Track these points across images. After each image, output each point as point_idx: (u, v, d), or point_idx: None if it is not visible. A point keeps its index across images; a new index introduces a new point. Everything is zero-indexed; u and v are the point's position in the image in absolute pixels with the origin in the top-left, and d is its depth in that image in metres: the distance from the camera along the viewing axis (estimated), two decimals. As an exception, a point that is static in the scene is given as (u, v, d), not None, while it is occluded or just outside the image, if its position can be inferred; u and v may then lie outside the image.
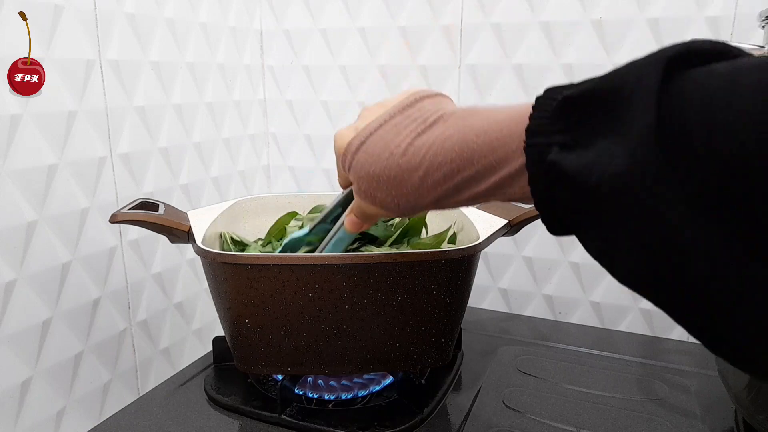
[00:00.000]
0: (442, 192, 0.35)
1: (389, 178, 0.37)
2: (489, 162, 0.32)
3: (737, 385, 0.52)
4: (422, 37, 0.86)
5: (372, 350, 0.55)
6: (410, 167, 0.35)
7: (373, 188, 0.38)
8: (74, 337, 0.67)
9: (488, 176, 0.32)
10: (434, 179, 0.35)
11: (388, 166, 0.36)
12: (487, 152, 0.32)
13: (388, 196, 0.37)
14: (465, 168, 0.33)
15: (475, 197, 0.34)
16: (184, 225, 0.60)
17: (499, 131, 0.31)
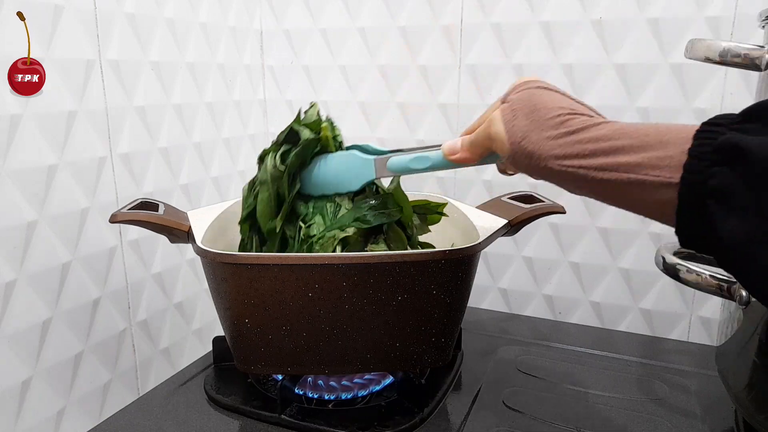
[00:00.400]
0: (580, 149, 0.34)
1: (543, 117, 0.37)
2: (647, 140, 0.32)
3: (737, 385, 0.52)
4: (422, 37, 0.86)
5: (372, 350, 0.55)
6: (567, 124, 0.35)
7: (523, 113, 0.38)
8: (74, 337, 0.67)
9: (637, 151, 0.32)
10: (582, 137, 0.34)
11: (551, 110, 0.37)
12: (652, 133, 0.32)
13: (526, 126, 0.37)
14: (621, 138, 0.33)
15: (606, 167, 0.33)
16: (184, 225, 0.60)
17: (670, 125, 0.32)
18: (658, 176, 0.31)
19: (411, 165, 0.51)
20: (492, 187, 0.86)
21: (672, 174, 0.30)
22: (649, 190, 0.31)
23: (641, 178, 0.31)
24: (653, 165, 0.31)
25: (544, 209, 0.63)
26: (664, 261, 0.55)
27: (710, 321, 0.78)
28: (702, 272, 0.52)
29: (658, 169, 0.31)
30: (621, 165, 0.32)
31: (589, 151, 0.34)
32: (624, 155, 0.32)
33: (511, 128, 0.39)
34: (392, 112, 0.90)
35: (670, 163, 0.30)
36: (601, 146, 0.33)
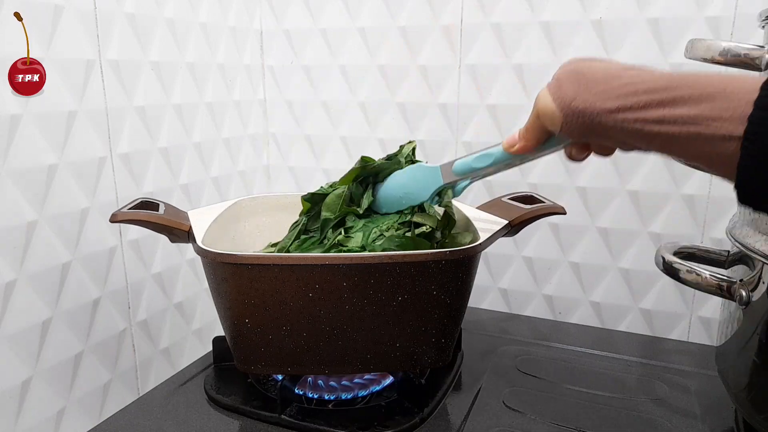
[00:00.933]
0: (635, 102, 0.32)
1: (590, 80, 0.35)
2: (708, 90, 0.30)
3: (737, 385, 0.52)
4: (422, 37, 0.86)
5: (372, 350, 0.55)
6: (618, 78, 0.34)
7: (569, 81, 0.37)
8: (74, 337, 0.67)
9: (698, 102, 0.30)
10: (636, 87, 0.33)
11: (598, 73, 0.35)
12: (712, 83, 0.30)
13: (574, 90, 0.36)
14: (678, 87, 0.31)
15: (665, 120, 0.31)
16: (184, 225, 0.60)
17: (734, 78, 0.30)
18: (720, 128, 0.29)
19: (474, 164, 0.51)
20: (492, 187, 0.86)
21: (735, 126, 0.29)
22: (711, 143, 0.30)
23: (702, 131, 0.30)
24: (715, 117, 0.29)
25: (545, 210, 0.63)
26: (664, 261, 0.55)
27: (710, 321, 0.78)
28: (702, 272, 0.52)
29: (720, 121, 0.29)
30: (680, 117, 0.31)
31: (645, 103, 0.32)
32: (683, 106, 0.30)
33: (559, 96, 0.37)
34: (392, 112, 0.90)
35: (733, 115, 0.29)
36: (658, 97, 0.31)
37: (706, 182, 0.74)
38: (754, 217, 0.50)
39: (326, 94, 0.95)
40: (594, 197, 0.81)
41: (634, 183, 0.78)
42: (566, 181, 0.82)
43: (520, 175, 0.84)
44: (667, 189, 0.76)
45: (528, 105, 0.80)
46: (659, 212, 0.78)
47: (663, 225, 0.78)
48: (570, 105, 0.36)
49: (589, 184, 0.81)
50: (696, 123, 0.30)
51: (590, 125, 0.35)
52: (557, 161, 0.81)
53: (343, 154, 0.95)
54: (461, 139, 0.86)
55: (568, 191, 0.82)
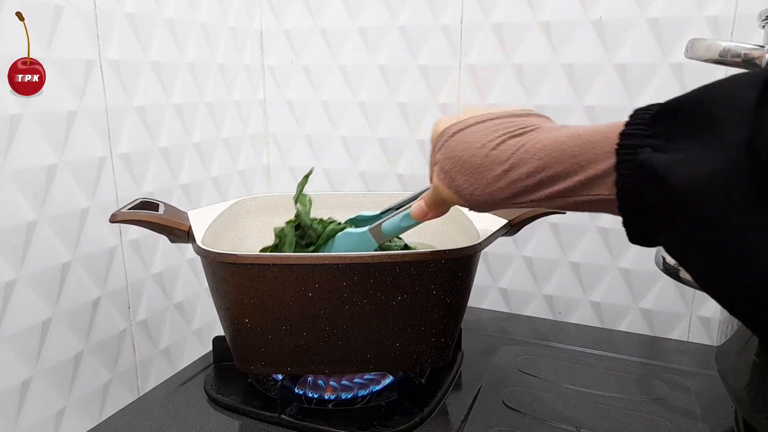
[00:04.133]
0: (522, 187, 0.36)
1: (474, 166, 0.38)
2: (577, 161, 0.33)
3: (737, 385, 0.52)
4: (422, 37, 0.86)
5: (372, 350, 0.55)
6: (498, 160, 0.37)
7: (455, 171, 0.40)
8: (74, 337, 0.67)
9: (574, 175, 0.33)
10: (518, 174, 0.36)
11: (476, 154, 0.38)
12: (577, 152, 0.33)
13: (466, 182, 0.39)
14: (552, 165, 0.34)
15: (554, 195, 0.35)
16: (184, 225, 0.60)
17: (593, 134, 0.33)
18: (598, 195, 0.33)
19: (402, 224, 0.52)
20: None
21: (609, 191, 0.32)
22: (597, 205, 0.33)
23: (584, 198, 0.34)
24: (590, 185, 0.33)
25: (544, 209, 0.63)
26: (664, 261, 0.55)
27: (710, 321, 0.78)
28: (702, 272, 0.51)
29: (596, 188, 0.33)
30: (563, 191, 0.34)
31: (532, 186, 0.36)
32: (562, 182, 0.34)
33: (454, 188, 0.40)
34: (392, 112, 0.90)
35: (604, 182, 0.32)
36: (539, 178, 0.35)
37: (706, 182, 0.74)
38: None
39: (326, 94, 0.95)
40: (594, 197, 0.81)
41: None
42: (566, 181, 0.81)
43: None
44: (667, 189, 0.76)
45: (528, 105, 0.81)
46: (659, 212, 0.77)
47: (663, 225, 0.77)
48: (471, 197, 0.39)
49: (589, 184, 0.80)
50: (577, 193, 0.34)
51: (494, 207, 0.39)
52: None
53: (343, 154, 0.96)
54: (461, 139, 0.86)
55: (568, 191, 0.82)
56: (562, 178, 0.34)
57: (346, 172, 0.96)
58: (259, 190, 1.00)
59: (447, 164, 0.40)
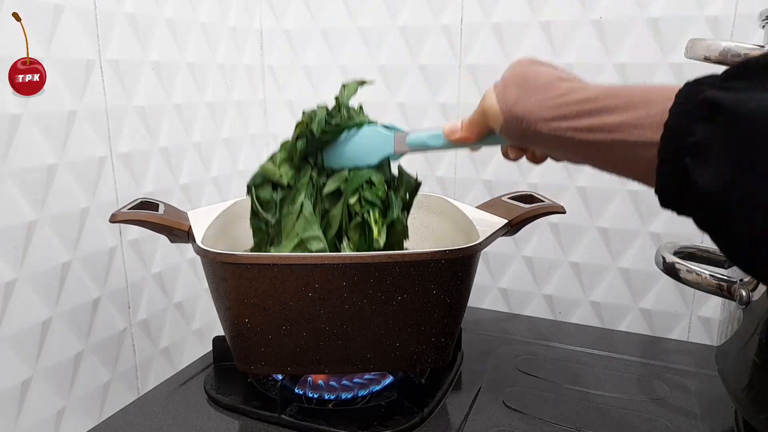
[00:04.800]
0: (568, 111, 0.35)
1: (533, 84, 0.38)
2: (632, 99, 0.32)
3: (737, 385, 0.52)
4: (422, 37, 0.86)
5: (372, 350, 0.55)
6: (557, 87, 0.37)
7: (512, 83, 0.39)
8: (74, 337, 0.67)
9: (622, 111, 0.32)
10: (571, 98, 0.35)
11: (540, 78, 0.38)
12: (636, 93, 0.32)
13: (517, 94, 0.38)
14: (607, 98, 0.34)
15: (593, 128, 0.34)
16: (184, 225, 0.60)
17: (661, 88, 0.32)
18: (641, 136, 0.31)
19: (428, 141, 0.51)
20: (492, 187, 0.86)
21: (653, 133, 0.30)
22: (633, 150, 0.32)
23: (626, 138, 0.32)
24: (636, 124, 0.32)
25: (544, 209, 0.63)
26: (664, 261, 0.55)
27: (710, 321, 0.78)
28: (702, 272, 0.52)
29: (641, 129, 0.31)
30: (606, 125, 0.33)
31: (576, 112, 0.35)
32: (609, 115, 0.33)
33: (502, 98, 0.40)
34: (392, 112, 0.90)
35: (652, 122, 0.31)
36: (587, 107, 0.34)
37: (706, 182, 0.74)
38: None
39: (326, 93, 0.94)
40: (594, 197, 0.81)
41: (635, 183, 0.78)
42: (566, 181, 0.82)
43: (520, 174, 0.84)
44: (667, 189, 0.76)
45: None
46: (659, 212, 0.77)
47: (663, 225, 0.78)
48: (511, 109, 0.39)
49: (589, 183, 0.81)
50: (621, 130, 0.32)
51: (527, 131, 0.38)
52: (557, 161, 0.81)
53: (343, 154, 0.95)
54: (461, 139, 0.86)
55: (568, 191, 0.82)
56: (611, 112, 0.33)
57: (346, 172, 0.96)
58: (259, 190, 1.00)
59: (510, 78, 0.40)
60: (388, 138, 0.54)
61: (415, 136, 0.52)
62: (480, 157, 0.85)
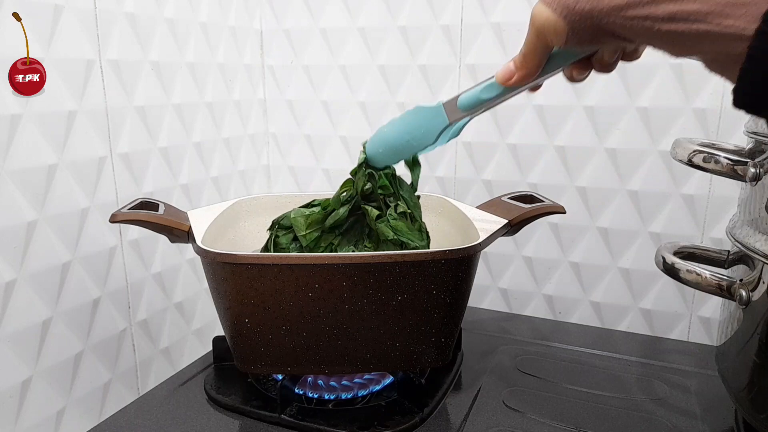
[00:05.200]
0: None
1: None
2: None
3: (737, 385, 0.52)
4: (422, 37, 0.86)
5: (372, 350, 0.55)
6: None
7: None
8: (74, 337, 0.67)
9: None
10: None
11: None
12: None
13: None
14: None
15: (675, 17, 0.29)
16: (184, 225, 0.60)
17: None
18: (731, 27, 0.27)
19: (482, 96, 0.45)
20: (492, 187, 0.86)
21: (747, 24, 0.27)
22: (719, 43, 0.28)
23: (712, 29, 0.28)
24: (727, 13, 0.28)
25: (544, 209, 0.63)
26: (664, 261, 0.55)
27: (710, 321, 0.78)
28: (702, 272, 0.52)
29: (732, 18, 0.27)
30: (691, 14, 0.29)
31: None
32: (694, 1, 0.29)
33: (559, 3, 0.34)
34: (392, 112, 0.90)
35: (746, 12, 0.27)
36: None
37: (707, 182, 0.74)
38: (754, 216, 0.50)
39: (326, 94, 0.95)
40: (594, 197, 0.81)
41: (634, 183, 0.78)
42: (566, 181, 0.82)
43: (520, 174, 0.84)
44: (667, 189, 0.76)
45: (528, 104, 0.81)
46: (659, 212, 0.78)
47: (663, 225, 0.78)
48: (575, 8, 0.33)
49: (589, 184, 0.81)
50: (707, 20, 0.28)
51: (598, 26, 0.33)
52: (557, 161, 0.81)
53: (343, 154, 0.96)
54: (461, 139, 0.86)
55: (568, 191, 0.82)
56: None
57: (346, 172, 0.96)
58: (259, 190, 1.00)
59: None
60: (438, 110, 0.48)
61: (466, 96, 0.46)
62: (480, 157, 0.85)
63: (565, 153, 0.81)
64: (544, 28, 0.36)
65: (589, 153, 0.79)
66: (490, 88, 0.44)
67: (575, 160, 0.80)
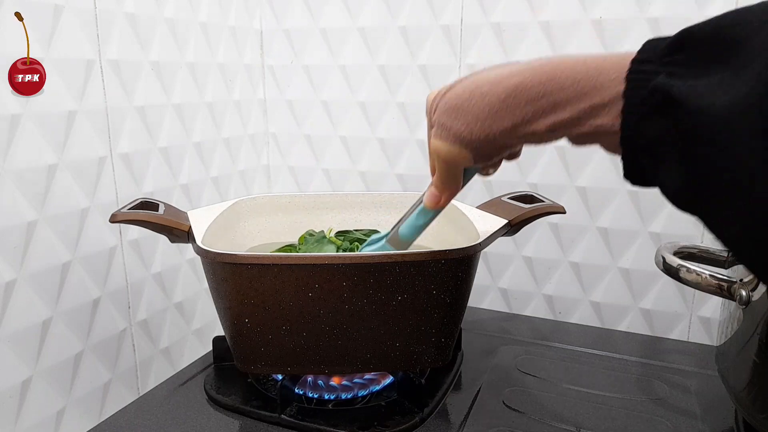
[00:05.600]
0: (522, 116, 0.33)
1: (469, 106, 0.36)
2: (582, 87, 0.31)
3: (737, 385, 0.52)
4: (422, 37, 0.86)
5: (372, 350, 0.55)
6: (493, 91, 0.34)
7: (452, 119, 0.37)
8: (74, 337, 0.67)
9: (577, 102, 0.31)
10: (517, 100, 0.33)
11: (471, 96, 0.36)
12: (583, 78, 0.31)
13: (463, 123, 0.36)
14: (553, 92, 0.32)
15: (555, 127, 0.32)
16: (184, 225, 0.60)
17: (600, 62, 0.31)
18: (602, 125, 0.30)
19: (418, 222, 0.50)
20: (492, 187, 0.86)
21: (612, 121, 0.30)
22: (600, 137, 0.31)
23: (588, 129, 0.31)
24: (594, 115, 0.31)
25: (544, 209, 0.63)
26: (664, 261, 0.55)
27: (710, 321, 0.78)
28: (702, 272, 0.52)
29: (600, 118, 0.30)
30: (566, 122, 0.32)
31: (531, 114, 0.33)
32: (564, 111, 0.32)
33: (455, 136, 0.37)
34: (392, 112, 0.90)
35: (609, 111, 0.30)
36: (540, 105, 0.32)
37: (706, 182, 0.74)
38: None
39: (326, 94, 0.95)
40: (594, 197, 0.81)
41: (634, 183, 0.78)
42: (566, 181, 0.82)
43: (520, 174, 0.84)
44: (667, 189, 0.76)
45: (528, 105, 0.81)
46: (659, 212, 0.78)
47: (663, 225, 0.78)
48: (471, 138, 0.36)
49: (589, 184, 0.81)
50: (581, 124, 0.31)
51: (494, 145, 0.36)
52: (557, 161, 0.81)
53: (343, 154, 0.96)
54: (461, 139, 0.86)
55: (568, 191, 0.82)
56: (563, 106, 0.31)
57: (346, 172, 0.96)
58: (259, 190, 1.00)
59: (443, 118, 0.38)
60: (386, 247, 0.53)
61: (404, 227, 0.51)
62: (480, 157, 0.85)
63: (565, 153, 0.81)
64: (449, 158, 0.39)
65: (589, 153, 0.79)
66: (423, 213, 0.49)
67: (575, 160, 0.80)
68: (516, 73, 0.34)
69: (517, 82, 0.33)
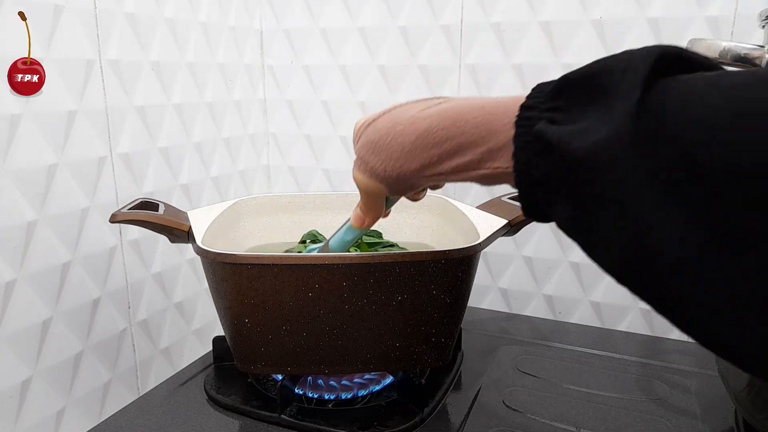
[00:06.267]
0: (429, 158, 0.36)
1: (384, 143, 0.39)
2: (479, 132, 0.33)
3: (737, 385, 0.52)
4: (422, 37, 0.86)
5: (372, 350, 0.55)
6: (405, 132, 0.37)
7: (369, 154, 0.40)
8: (74, 337, 0.67)
9: (475, 147, 0.34)
10: (425, 143, 0.36)
11: (387, 133, 0.39)
12: (480, 123, 0.33)
13: (378, 159, 0.39)
14: (455, 137, 0.34)
15: (458, 169, 0.35)
16: (184, 225, 0.60)
17: (495, 107, 0.33)
18: (498, 168, 0.33)
19: (346, 238, 0.52)
20: (492, 187, 0.86)
21: (507, 164, 0.32)
22: (500, 179, 0.34)
23: (487, 172, 0.34)
24: (491, 158, 0.33)
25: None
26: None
27: (710, 321, 0.78)
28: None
29: (497, 161, 0.33)
30: (468, 164, 0.34)
31: (437, 157, 0.36)
32: (466, 154, 0.34)
33: (371, 171, 0.40)
34: (392, 112, 0.90)
35: (504, 154, 0.32)
36: (445, 148, 0.35)
37: (706, 182, 0.74)
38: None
39: (326, 94, 0.95)
40: (594, 197, 0.81)
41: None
42: (566, 181, 0.82)
43: (520, 175, 0.84)
44: (667, 189, 0.76)
45: (528, 105, 0.81)
46: (659, 212, 0.77)
47: (663, 225, 0.77)
48: (384, 175, 0.39)
49: (589, 184, 0.80)
50: (482, 166, 0.34)
51: (409, 183, 0.39)
52: (557, 161, 0.81)
53: (343, 154, 0.96)
54: (461, 139, 0.86)
55: (568, 191, 0.82)
56: (465, 150, 0.34)
57: (346, 172, 0.96)
58: (259, 190, 1.00)
59: (362, 151, 0.41)
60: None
61: (334, 241, 0.53)
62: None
63: (565, 153, 0.81)
64: (368, 190, 0.43)
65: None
66: (351, 231, 0.51)
67: (575, 160, 0.80)
68: (426, 117, 0.36)
69: (426, 126, 0.36)
